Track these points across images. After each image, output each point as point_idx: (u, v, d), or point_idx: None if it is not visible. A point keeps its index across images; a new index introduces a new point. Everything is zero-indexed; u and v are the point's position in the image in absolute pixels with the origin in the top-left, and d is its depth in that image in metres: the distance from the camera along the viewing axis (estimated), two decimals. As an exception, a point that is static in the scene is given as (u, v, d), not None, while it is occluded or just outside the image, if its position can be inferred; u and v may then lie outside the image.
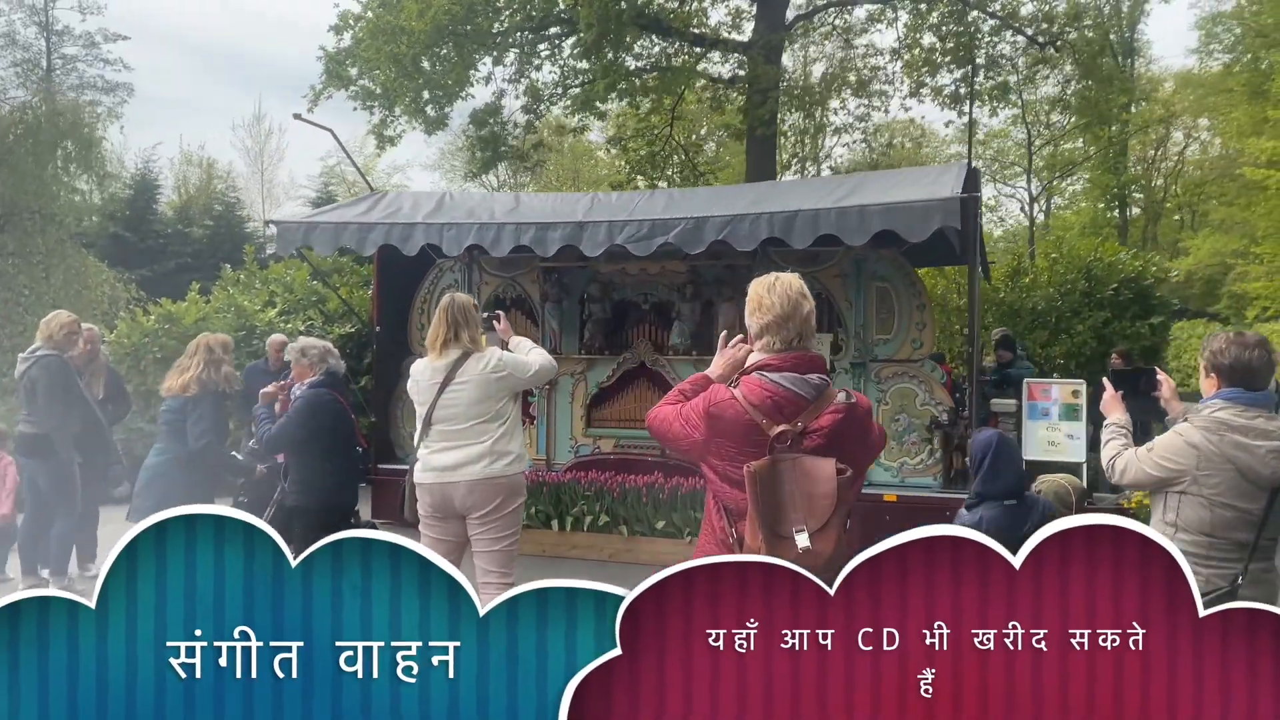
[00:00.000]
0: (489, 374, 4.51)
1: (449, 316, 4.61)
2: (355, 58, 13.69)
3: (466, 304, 4.66)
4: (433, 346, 4.63)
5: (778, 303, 3.01)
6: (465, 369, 4.50)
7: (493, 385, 4.50)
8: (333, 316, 12.78)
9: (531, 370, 4.61)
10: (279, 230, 7.96)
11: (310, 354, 5.34)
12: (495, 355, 4.57)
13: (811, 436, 2.92)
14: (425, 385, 4.57)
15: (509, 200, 8.65)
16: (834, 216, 6.58)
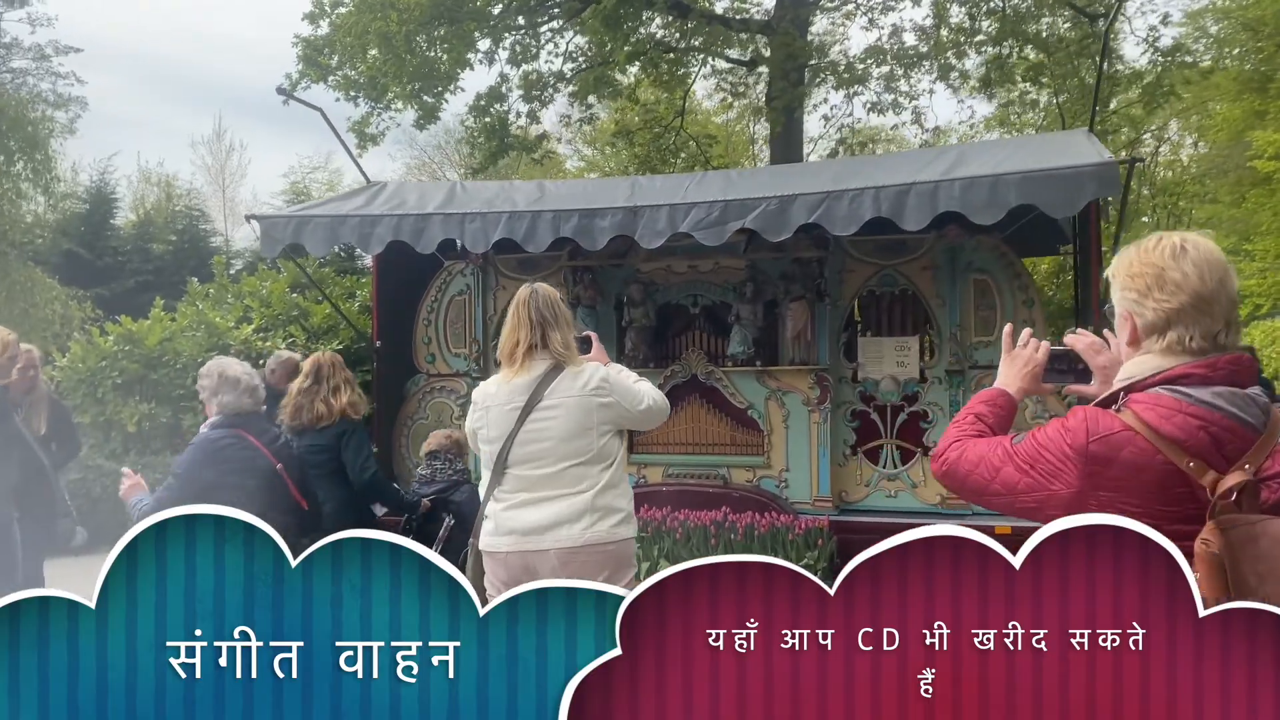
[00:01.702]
0: (590, 395, 3.18)
1: (531, 314, 3.30)
2: (336, 44, 12.31)
3: (553, 297, 3.34)
4: (508, 358, 3.29)
5: (1194, 275, 1.88)
6: (556, 387, 3.19)
7: (595, 412, 3.18)
8: (316, 332, 11.33)
9: (643, 403, 3.35)
10: (263, 227, 6.58)
11: (207, 382, 3.94)
12: (597, 371, 3.25)
13: (1272, 486, 1.79)
14: (499, 412, 3.25)
15: (532, 189, 7.34)
16: (958, 190, 5.34)
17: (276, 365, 6.92)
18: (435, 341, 8.15)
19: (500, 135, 12.84)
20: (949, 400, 6.98)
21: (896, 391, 7.12)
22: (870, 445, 7.18)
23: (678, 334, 7.61)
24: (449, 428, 6.61)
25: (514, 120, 13.22)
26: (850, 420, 7.20)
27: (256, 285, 12.34)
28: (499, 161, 13.54)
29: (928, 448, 7.02)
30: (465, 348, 8.06)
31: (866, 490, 7.16)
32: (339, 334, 11.30)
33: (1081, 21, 12.60)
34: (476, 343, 7.99)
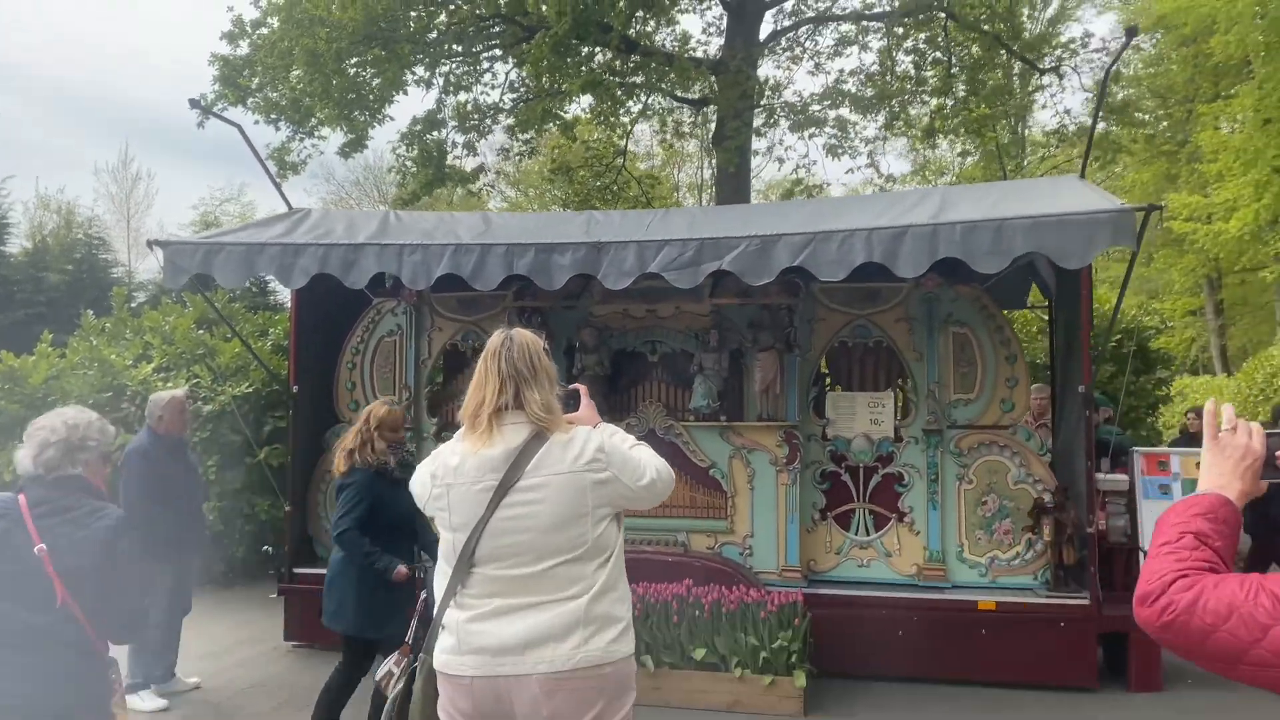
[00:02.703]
0: (583, 471, 2.47)
1: (503, 367, 2.61)
2: (257, 63, 11.45)
3: (533, 348, 2.66)
4: (473, 422, 2.57)
5: None
6: (540, 461, 2.52)
7: (589, 492, 2.51)
8: (223, 373, 10.33)
9: (644, 477, 2.69)
10: (167, 254, 5.74)
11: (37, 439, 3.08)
12: (590, 439, 2.55)
13: None
14: (465, 493, 2.55)
15: (475, 221, 6.64)
16: (959, 234, 4.83)
17: (163, 410, 5.92)
18: (360, 387, 7.33)
19: (436, 164, 12.08)
20: (926, 462, 6.46)
21: (870, 451, 6.57)
22: (841, 509, 6.60)
23: (634, 384, 6.96)
24: None
25: (449, 150, 12.48)
26: (820, 481, 6.61)
27: (159, 320, 11.30)
28: (433, 192, 12.78)
29: (903, 513, 6.49)
30: (394, 394, 7.24)
31: (837, 559, 6.56)
32: (249, 375, 10.33)
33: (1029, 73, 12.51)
34: (408, 389, 7.20)
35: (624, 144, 14.36)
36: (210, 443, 9.89)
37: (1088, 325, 6.00)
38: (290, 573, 6.97)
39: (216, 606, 8.58)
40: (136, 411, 9.62)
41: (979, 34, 12.09)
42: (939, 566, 6.38)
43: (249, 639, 7.57)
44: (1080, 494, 6.15)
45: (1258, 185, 20.50)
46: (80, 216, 27.12)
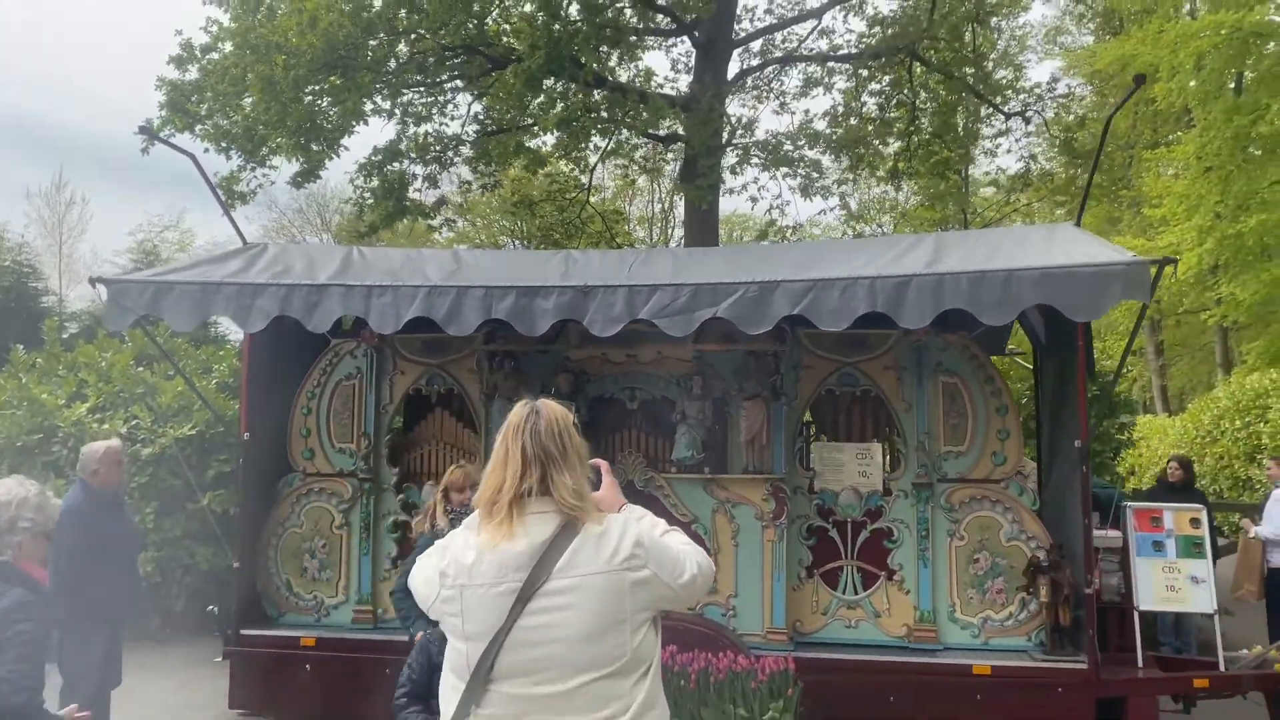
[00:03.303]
0: (621, 570, 2.11)
1: (529, 447, 2.23)
2: (208, 89, 10.96)
3: (563, 423, 2.31)
4: (490, 509, 2.21)
5: None
6: (572, 559, 2.17)
7: (628, 595, 2.13)
8: (164, 413, 9.74)
9: (684, 574, 2.34)
10: (112, 293, 5.29)
11: None
12: (626, 530, 2.20)
13: None
14: (483, 596, 2.19)
15: (446, 259, 6.30)
16: (965, 285, 4.62)
17: (98, 463, 5.35)
18: (316, 434, 6.88)
19: (398, 196, 11.65)
20: (916, 517, 6.21)
21: (858, 505, 6.30)
22: (828, 567, 6.30)
23: (612, 433, 6.61)
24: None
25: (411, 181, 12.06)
26: (806, 537, 6.32)
27: (94, 355, 10.67)
28: (394, 225, 12.34)
29: (892, 570, 6.22)
30: (353, 442, 6.83)
31: (824, 619, 6.25)
32: (191, 416, 9.76)
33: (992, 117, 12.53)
34: (367, 438, 6.76)
35: (588, 179, 14.10)
36: (149, 488, 9.30)
37: (1084, 377, 5.80)
38: (237, 634, 6.44)
39: (152, 667, 7.98)
40: (69, 455, 9.00)
41: (947, 78, 12.09)
42: (930, 627, 6.10)
43: (189, 705, 7.02)
44: (1075, 552, 5.93)
45: (1200, 230, 20.86)
46: (9, 242, 26.08)
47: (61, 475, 8.94)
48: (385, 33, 10.28)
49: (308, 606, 6.76)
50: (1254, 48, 19.79)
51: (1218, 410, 18.67)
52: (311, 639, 6.42)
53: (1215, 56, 19.72)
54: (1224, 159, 19.85)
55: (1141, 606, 6.08)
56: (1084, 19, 27.48)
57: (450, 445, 6.83)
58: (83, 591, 4.99)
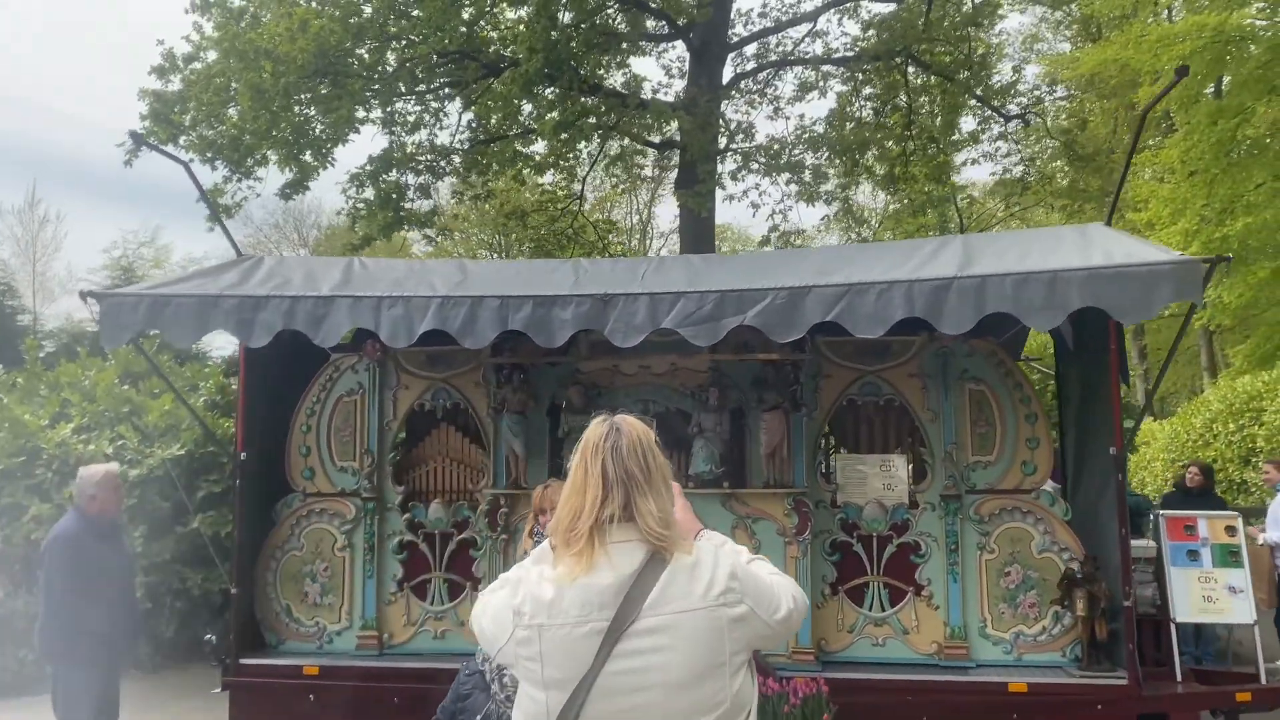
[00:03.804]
0: (718, 607, 1.86)
1: (610, 467, 2.02)
2: (191, 100, 10.64)
3: (645, 441, 2.06)
4: (569, 538, 1.97)
5: None
6: (664, 594, 1.94)
7: (726, 633, 1.87)
8: (151, 432, 9.41)
9: (780, 609, 2.12)
10: (106, 309, 4.99)
11: None
12: (720, 560, 1.97)
13: None
14: (565, 636, 1.97)
15: (451, 269, 6.05)
16: (1009, 288, 4.40)
17: (95, 488, 5.08)
18: (316, 452, 6.59)
19: (395, 206, 11.34)
20: (944, 530, 5.98)
21: (883, 519, 6.07)
22: (853, 583, 6.06)
23: (624, 448, 6.31)
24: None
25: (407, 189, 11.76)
26: (830, 553, 6.08)
27: (77, 374, 10.32)
28: (391, 236, 12.05)
29: (920, 585, 5.99)
30: (355, 460, 6.55)
31: (850, 638, 6.02)
32: (179, 436, 9.43)
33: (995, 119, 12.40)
34: (370, 455, 6.48)
35: (580, 188, 13.85)
36: (137, 510, 8.95)
37: (1118, 381, 5.60)
38: (236, 663, 6.13)
39: (144, 699, 7.64)
40: (54, 478, 8.65)
41: (946, 80, 11.95)
42: (961, 644, 5.87)
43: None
44: (1108, 563, 5.72)
45: (1186, 234, 20.85)
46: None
47: (46, 499, 8.60)
48: (375, 39, 10.02)
49: (309, 633, 6.46)
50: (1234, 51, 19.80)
51: (1209, 414, 18.58)
52: (315, 667, 6.12)
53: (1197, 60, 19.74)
54: (1208, 162, 19.85)
55: (1179, 618, 5.89)
56: (1061, 26, 27.55)
57: (458, 462, 6.55)
58: (76, 626, 4.68)
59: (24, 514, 8.58)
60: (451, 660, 6.29)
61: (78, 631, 4.72)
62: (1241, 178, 19.61)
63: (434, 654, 6.24)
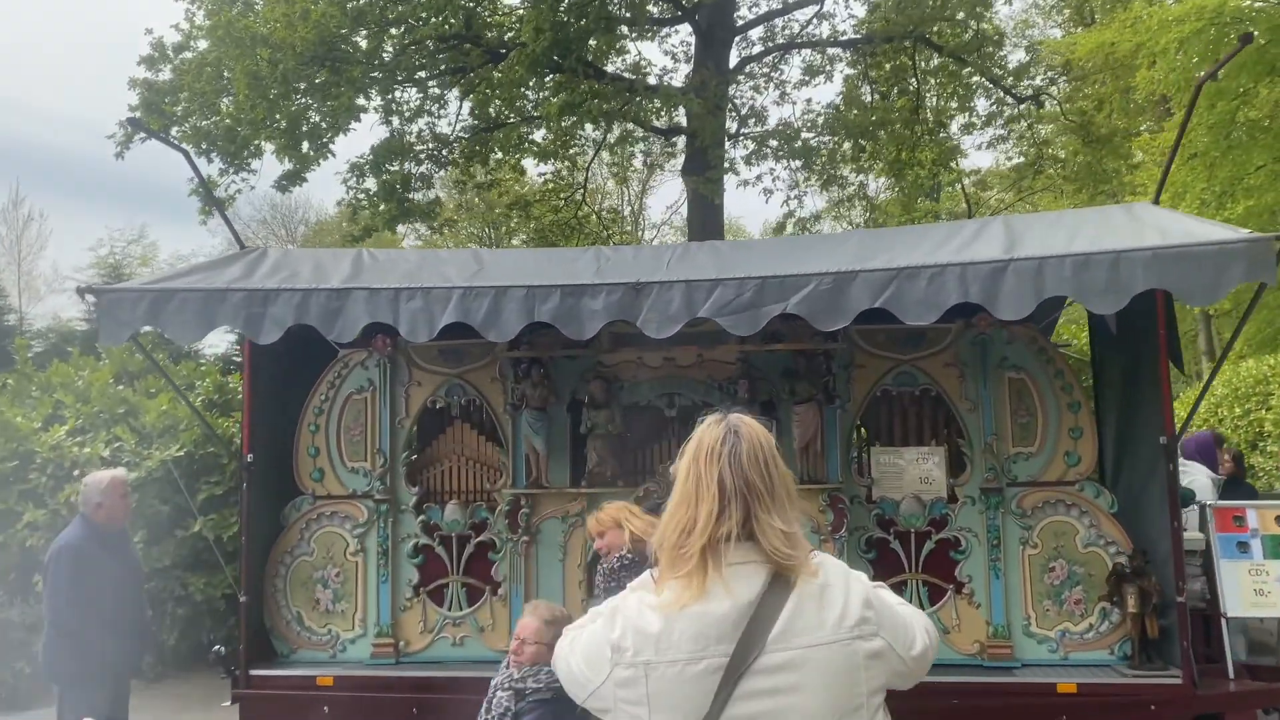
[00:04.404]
0: (852, 640, 1.57)
1: (728, 474, 1.80)
2: (183, 90, 10.28)
3: (769, 446, 1.75)
4: (676, 558, 1.65)
5: None
6: (792, 623, 1.63)
7: (863, 671, 1.57)
8: (149, 434, 9.08)
9: (916, 644, 1.91)
10: (104, 305, 4.70)
11: None
12: (851, 586, 1.65)
13: None
14: (679, 674, 1.73)
15: (466, 259, 5.78)
16: (1069, 269, 4.14)
17: (103, 495, 4.80)
18: (325, 453, 6.30)
19: (399, 198, 10.99)
20: (985, 524, 5.73)
21: (921, 515, 5.82)
22: (891, 581, 5.76)
23: (649, 444, 6.08)
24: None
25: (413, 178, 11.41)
26: (865, 550, 5.82)
27: (70, 375, 9.97)
28: (396, 228, 11.73)
29: (961, 583, 5.74)
30: (366, 461, 6.26)
31: (888, 638, 5.71)
32: (178, 437, 9.10)
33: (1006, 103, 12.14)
34: (382, 455, 6.19)
35: (584, 177, 13.55)
36: (135, 514, 8.61)
37: (1168, 366, 5.34)
38: (246, 675, 5.84)
39: (147, 709, 7.33)
40: (49, 482, 8.33)
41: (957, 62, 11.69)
42: (1005, 643, 5.63)
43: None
44: (1156, 556, 5.48)
45: (1187, 217, 20.52)
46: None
47: (41, 505, 8.27)
48: (375, 24, 9.68)
49: (321, 642, 6.17)
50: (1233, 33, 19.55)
51: (1214, 398, 18.39)
52: (329, 678, 5.84)
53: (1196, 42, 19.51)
54: (1207, 145, 19.64)
55: (1230, 613, 5.65)
56: (1053, 11, 27.31)
57: (474, 461, 6.27)
58: (83, 643, 4.39)
59: (18, 521, 8.26)
60: (470, 668, 6.03)
61: (84, 650, 4.43)
62: (1242, 160, 19.41)
63: (452, 662, 5.99)
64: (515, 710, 3.95)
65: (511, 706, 3.94)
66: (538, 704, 3.91)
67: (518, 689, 3.97)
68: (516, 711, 3.95)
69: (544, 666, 4.00)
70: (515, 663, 4.12)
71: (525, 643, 4.14)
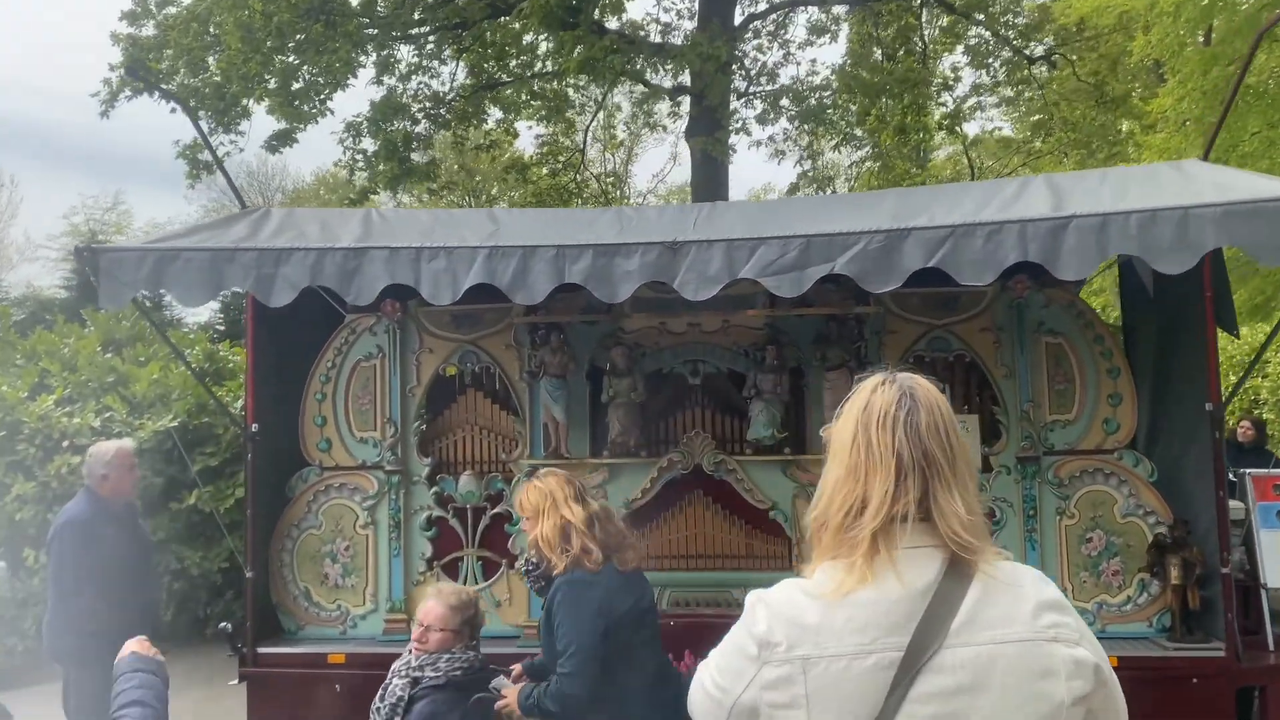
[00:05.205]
0: (1047, 641, 1.34)
1: (910, 445, 1.58)
2: (169, 46, 9.85)
3: (948, 414, 1.50)
4: (841, 540, 1.41)
5: None
6: (976, 614, 1.49)
7: (1064, 684, 1.39)
8: (140, 404, 8.78)
9: (1107, 669, 1.62)
10: (105, 265, 4.41)
11: None
12: (1041, 581, 1.36)
13: None
14: (839, 670, 1.46)
15: (481, 219, 5.46)
16: (1134, 228, 3.91)
17: (108, 467, 4.54)
18: (333, 422, 6.04)
19: (400, 157, 10.61)
20: (1021, 494, 5.54)
21: (955, 484, 5.56)
22: (926, 553, 5.58)
23: (673, 413, 5.84)
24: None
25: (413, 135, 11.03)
26: (897, 521, 5.59)
27: (56, 343, 9.63)
28: (397, 189, 11.36)
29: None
30: (376, 430, 6.01)
31: (922, 611, 5.53)
32: (171, 406, 8.81)
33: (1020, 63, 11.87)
34: (392, 425, 5.94)
35: (584, 138, 13.21)
36: (128, 487, 8.36)
37: (1214, 331, 5.14)
38: (254, 653, 5.59)
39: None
40: (37, 453, 8.02)
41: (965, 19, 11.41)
42: (1041, 616, 5.43)
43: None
44: (1197, 527, 5.31)
45: (1182, 184, 20.42)
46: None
47: (30, 477, 7.97)
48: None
49: (331, 618, 5.95)
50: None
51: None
52: (340, 655, 5.61)
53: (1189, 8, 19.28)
54: (1202, 110, 19.43)
55: (1271, 583, 5.50)
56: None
57: (488, 430, 6.02)
58: (89, 622, 4.13)
59: (6, 493, 7.96)
60: (486, 643, 5.81)
61: (91, 629, 4.17)
62: (1238, 126, 19.23)
63: (469, 638, 5.75)
64: (409, 697, 3.76)
65: (404, 695, 3.76)
66: (430, 690, 3.75)
67: (414, 677, 3.79)
68: (410, 698, 3.76)
69: (445, 654, 3.83)
70: (418, 650, 3.89)
71: (430, 629, 3.89)
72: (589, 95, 12.73)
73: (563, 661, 3.36)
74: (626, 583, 3.53)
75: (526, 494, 3.72)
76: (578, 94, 12.10)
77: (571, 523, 3.50)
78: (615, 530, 3.66)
